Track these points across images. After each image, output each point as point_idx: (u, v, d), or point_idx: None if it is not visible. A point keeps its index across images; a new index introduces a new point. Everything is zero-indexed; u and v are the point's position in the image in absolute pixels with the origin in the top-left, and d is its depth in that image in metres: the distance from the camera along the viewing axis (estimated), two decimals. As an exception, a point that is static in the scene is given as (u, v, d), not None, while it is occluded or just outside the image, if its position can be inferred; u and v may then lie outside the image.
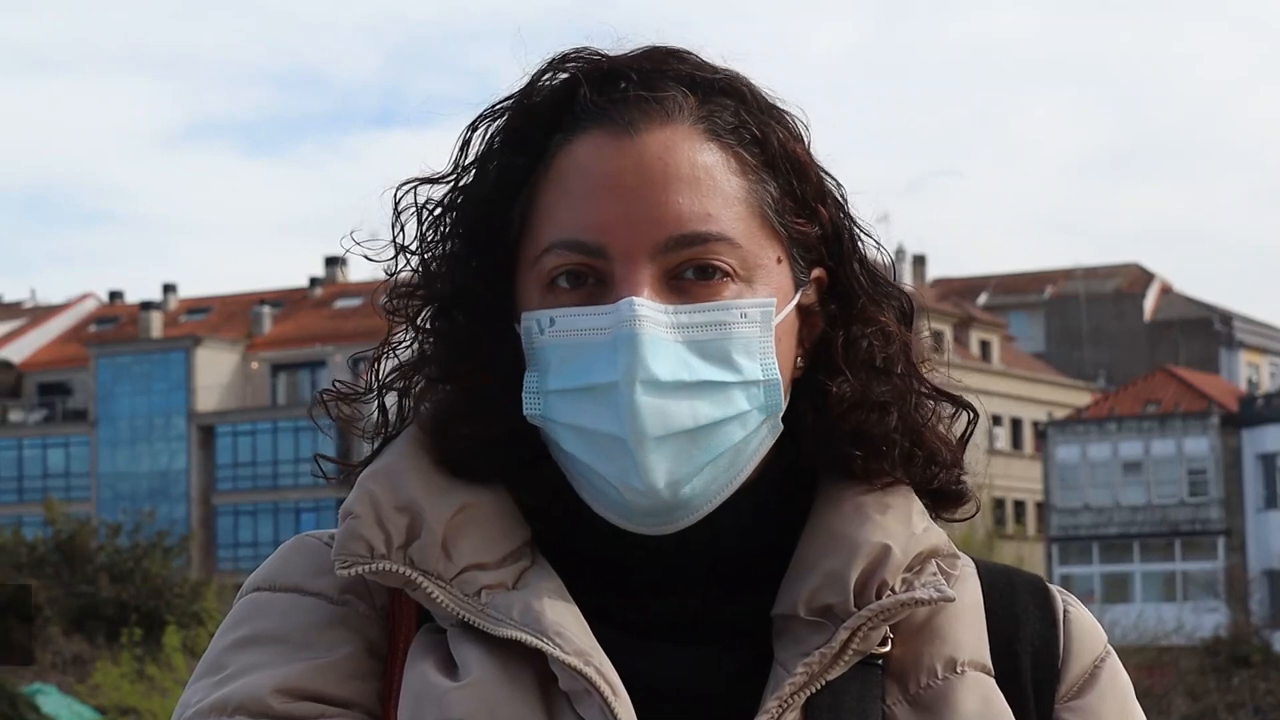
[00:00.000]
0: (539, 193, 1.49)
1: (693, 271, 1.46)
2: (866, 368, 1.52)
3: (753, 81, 1.52)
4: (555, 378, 1.46)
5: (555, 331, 1.46)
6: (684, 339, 1.44)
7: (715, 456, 1.45)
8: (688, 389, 1.44)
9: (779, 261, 1.50)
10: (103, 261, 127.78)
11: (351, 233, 1.57)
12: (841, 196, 1.55)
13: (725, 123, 1.49)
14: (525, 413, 1.48)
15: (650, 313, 1.43)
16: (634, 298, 1.43)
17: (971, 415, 1.59)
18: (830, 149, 1.55)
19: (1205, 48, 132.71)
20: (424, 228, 1.53)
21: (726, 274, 1.46)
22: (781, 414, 1.49)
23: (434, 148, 1.55)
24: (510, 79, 1.53)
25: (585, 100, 1.48)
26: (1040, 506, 56.95)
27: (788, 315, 1.50)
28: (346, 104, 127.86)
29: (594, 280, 1.46)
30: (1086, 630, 1.56)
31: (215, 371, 63.37)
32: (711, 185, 1.46)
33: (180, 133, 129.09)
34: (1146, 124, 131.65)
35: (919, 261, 66.95)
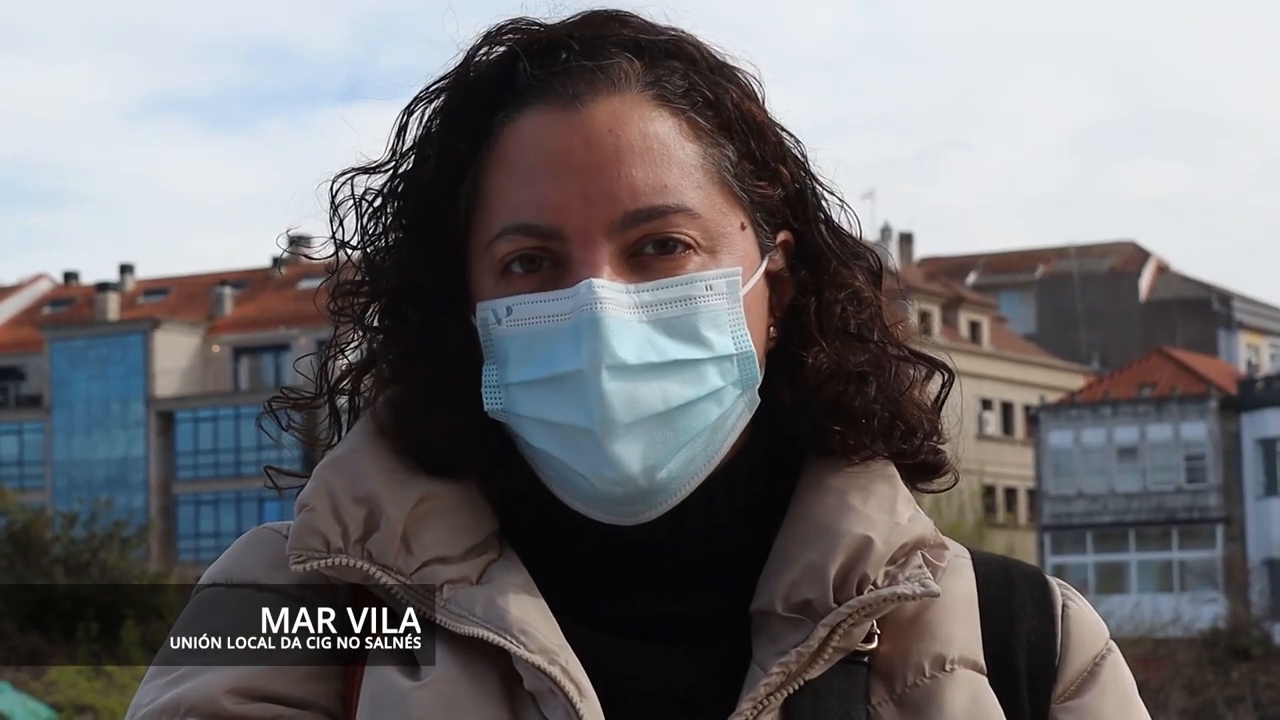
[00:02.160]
0: (485, 175, 1.45)
1: (652, 246, 1.42)
2: (841, 335, 1.49)
3: (700, 40, 1.48)
4: (516, 370, 1.43)
5: (513, 320, 1.43)
6: (649, 318, 1.41)
7: (692, 437, 1.42)
8: (657, 370, 1.41)
9: (742, 228, 1.46)
10: (57, 241, 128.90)
11: (288, 232, 1.54)
12: (801, 155, 1.51)
13: (675, 87, 1.45)
14: (486, 408, 1.45)
15: (611, 294, 1.40)
16: (593, 279, 1.40)
17: (946, 376, 1.54)
18: (821, 124, 1.50)
19: (1205, 20, 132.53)
20: (364, 220, 1.49)
21: (688, 246, 1.43)
22: (758, 387, 1.46)
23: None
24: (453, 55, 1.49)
25: (525, 74, 1.45)
26: (1032, 494, 57.21)
27: (757, 284, 1.47)
28: (312, 78, 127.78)
29: (550, 264, 1.43)
30: (1087, 626, 1.52)
31: (174, 355, 63.52)
32: (665, 155, 1.43)
33: (139, 108, 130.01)
34: (1143, 97, 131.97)
35: (905, 240, 67.92)
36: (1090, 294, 67.47)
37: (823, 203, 1.52)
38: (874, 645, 1.43)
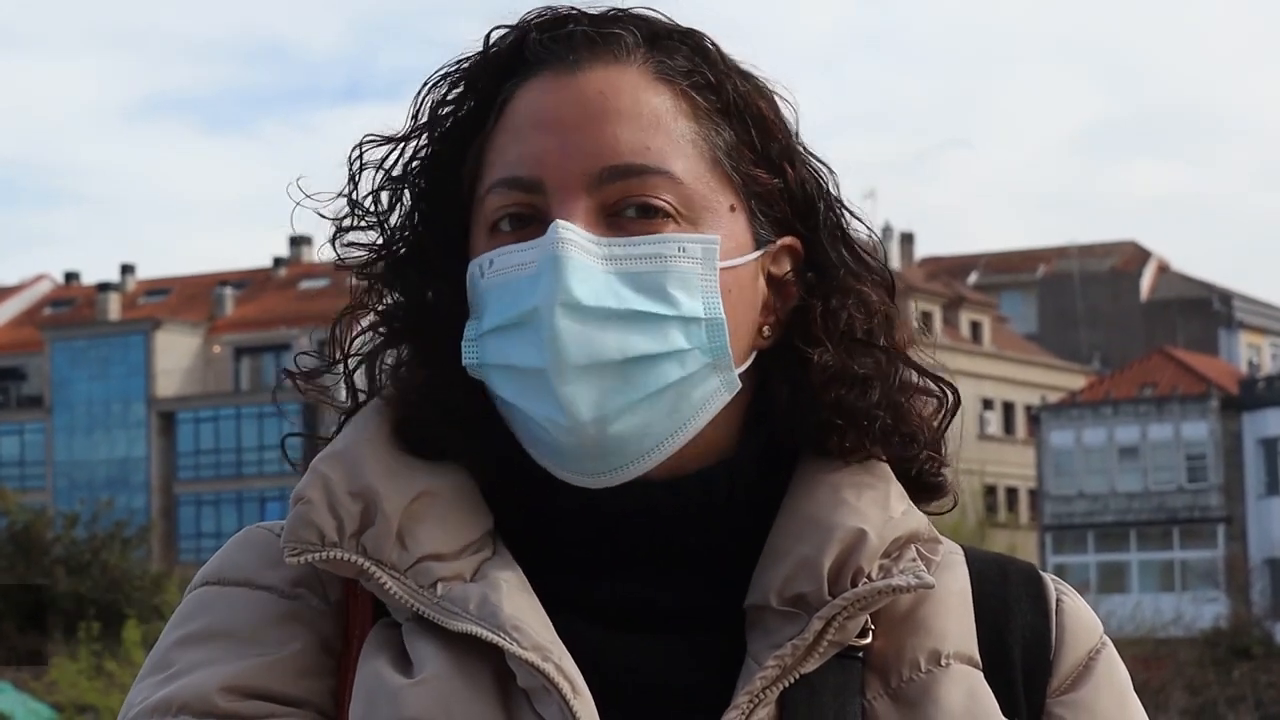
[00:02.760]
0: (489, 141, 1.48)
1: (633, 210, 1.43)
2: (847, 339, 1.49)
3: (717, 41, 1.50)
4: (489, 318, 1.44)
5: (493, 271, 1.44)
6: (615, 270, 1.42)
7: (648, 395, 1.41)
8: (616, 318, 1.40)
9: (732, 210, 1.47)
10: (58, 241, 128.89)
11: (298, 179, 1.52)
12: (819, 173, 1.51)
13: (677, 66, 1.47)
14: (464, 363, 1.46)
15: (577, 237, 1.41)
16: (558, 221, 1.41)
17: (952, 398, 1.54)
18: (821, 123, 1.55)
19: (1206, 20, 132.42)
20: (379, 186, 1.51)
21: (669, 215, 1.43)
22: (739, 367, 1.46)
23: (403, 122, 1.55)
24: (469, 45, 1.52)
25: (534, 44, 1.48)
26: (1033, 494, 57.12)
27: (746, 271, 1.47)
28: (312, 78, 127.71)
29: (536, 222, 1.44)
30: (1081, 621, 1.52)
31: (175, 355, 63.43)
32: (655, 122, 1.45)
33: (139, 109, 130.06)
34: (1144, 97, 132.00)
35: (907, 240, 67.77)
36: (1091, 294, 67.37)
37: (840, 218, 1.52)
38: (868, 640, 1.43)
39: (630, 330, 1.41)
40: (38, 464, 63.51)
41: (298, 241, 66.89)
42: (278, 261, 68.22)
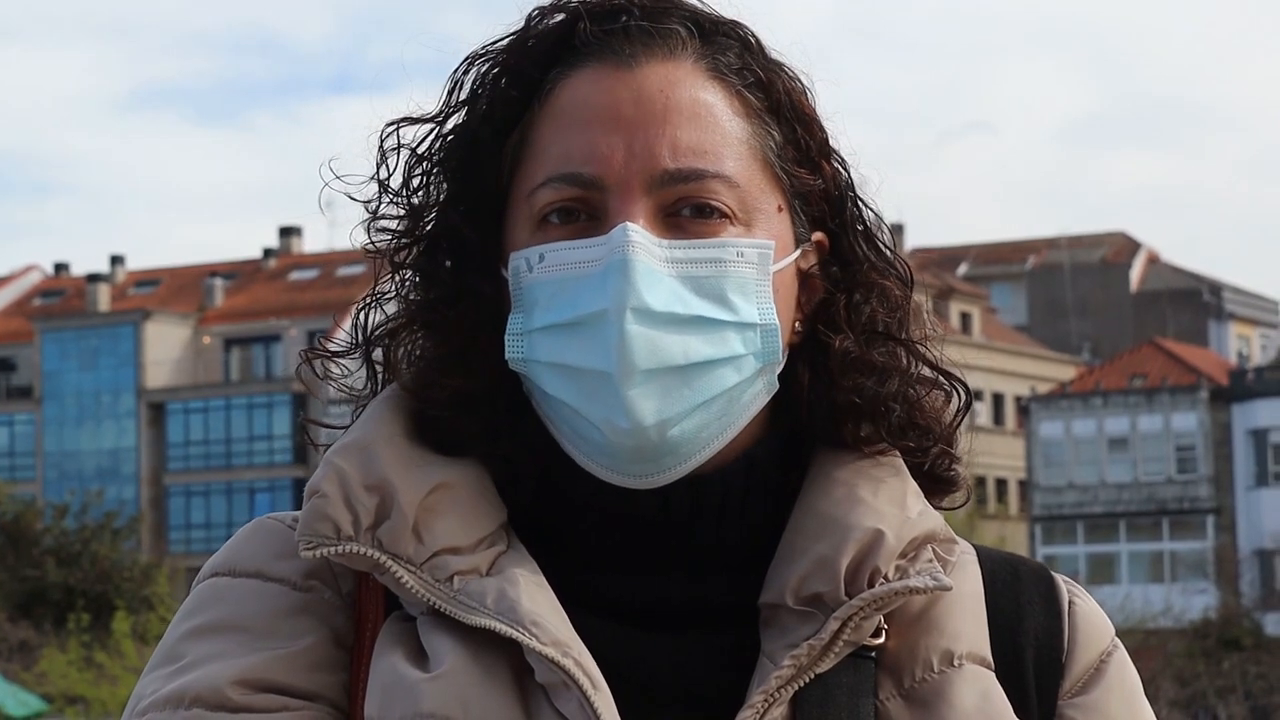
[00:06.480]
0: (533, 129, 1.47)
1: (690, 210, 1.44)
2: (869, 331, 1.50)
3: (757, 32, 1.51)
4: (541, 315, 1.43)
5: (544, 267, 1.43)
6: (678, 274, 1.42)
7: (707, 400, 1.42)
8: (680, 323, 1.41)
9: (779, 210, 1.48)
10: (48, 232, 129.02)
11: (330, 162, 1.51)
12: (845, 163, 1.53)
13: (729, 62, 1.48)
14: (507, 357, 1.45)
15: (644, 240, 1.40)
16: (628, 223, 1.40)
17: (963, 397, 1.55)
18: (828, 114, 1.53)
19: (1197, 10, 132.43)
20: (410, 167, 1.50)
21: (724, 215, 1.44)
22: (779, 368, 1.47)
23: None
24: (477, 39, 1.51)
25: (584, 33, 1.46)
26: (1023, 485, 57.23)
27: (787, 271, 1.48)
28: (302, 70, 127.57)
29: (586, 216, 1.44)
30: (1093, 623, 1.53)
31: (165, 346, 63.50)
32: (712, 122, 1.45)
33: (128, 100, 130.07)
34: (1133, 87, 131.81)
35: (896, 231, 64.13)
36: (1081, 285, 67.45)
37: (861, 212, 1.53)
38: (881, 640, 1.43)
39: (692, 335, 1.41)
40: (27, 455, 63.56)
41: (287, 232, 67.12)
42: (267, 252, 68.23)
